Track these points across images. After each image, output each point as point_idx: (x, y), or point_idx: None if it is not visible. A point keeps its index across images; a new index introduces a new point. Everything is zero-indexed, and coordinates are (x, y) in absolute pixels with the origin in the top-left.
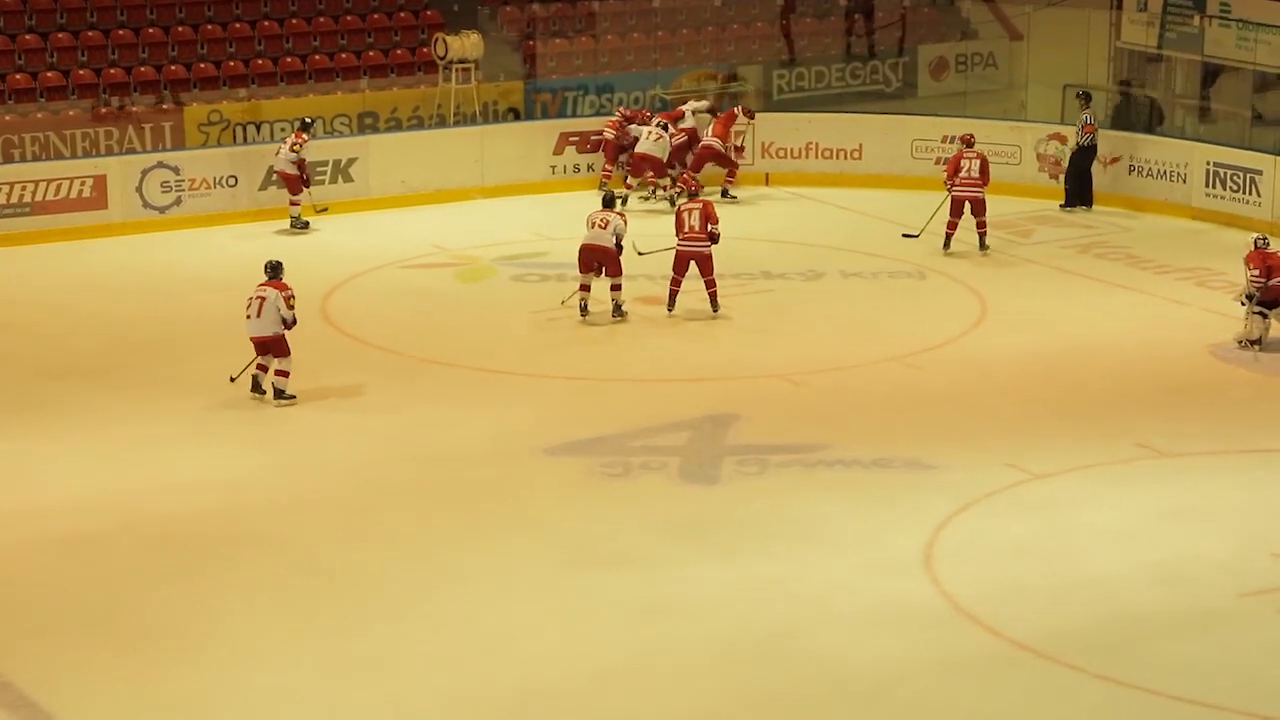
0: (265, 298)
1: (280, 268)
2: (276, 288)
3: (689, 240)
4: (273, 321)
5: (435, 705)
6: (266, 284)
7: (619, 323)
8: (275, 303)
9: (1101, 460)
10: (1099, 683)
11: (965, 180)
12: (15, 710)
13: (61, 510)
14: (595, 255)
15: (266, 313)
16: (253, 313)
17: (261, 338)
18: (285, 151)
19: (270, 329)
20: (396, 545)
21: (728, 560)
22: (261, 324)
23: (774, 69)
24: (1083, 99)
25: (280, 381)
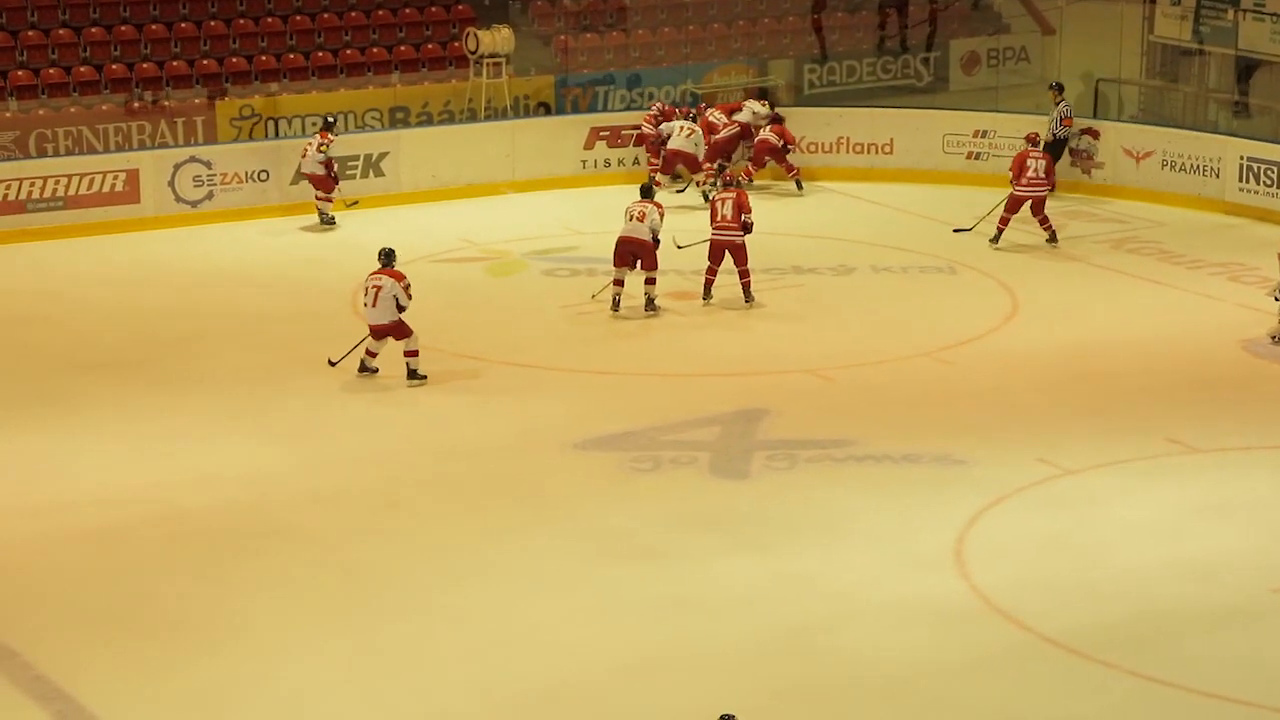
0: (381, 286)
1: (393, 255)
2: (392, 276)
3: (722, 229)
4: (389, 309)
5: (462, 699)
6: (380, 272)
7: (651, 317)
8: (392, 291)
9: (1132, 455)
10: (1129, 678)
11: (1032, 180)
12: (47, 702)
13: (90, 503)
14: (632, 248)
15: (383, 301)
16: (369, 301)
17: (380, 325)
18: (312, 153)
19: (388, 316)
20: (424, 539)
21: (757, 555)
22: (379, 312)
23: (805, 63)
24: (1056, 89)
25: (413, 362)
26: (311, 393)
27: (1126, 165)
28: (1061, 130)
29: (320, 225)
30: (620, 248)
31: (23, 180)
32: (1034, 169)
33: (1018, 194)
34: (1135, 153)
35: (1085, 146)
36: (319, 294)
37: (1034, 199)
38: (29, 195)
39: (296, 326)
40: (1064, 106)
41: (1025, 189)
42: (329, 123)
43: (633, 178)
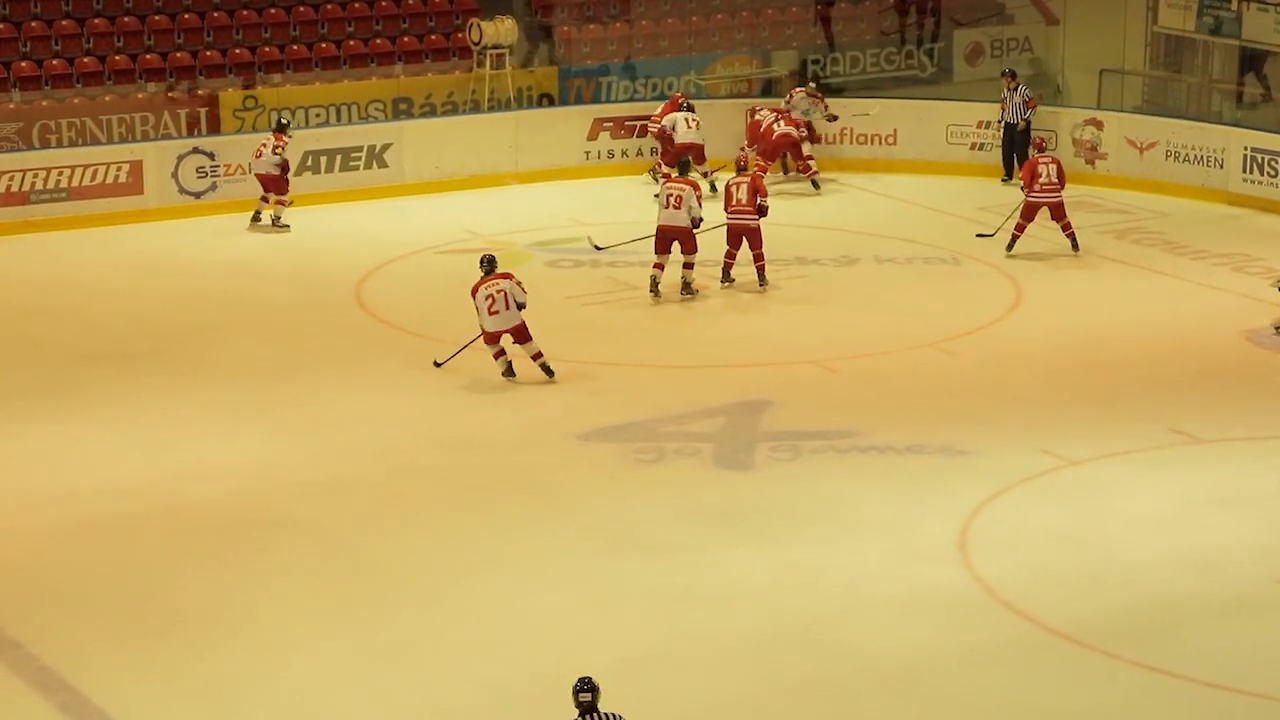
0: (503, 290)
1: (494, 260)
2: (506, 278)
3: (737, 214)
4: (513, 311)
5: (467, 691)
6: (492, 278)
7: (687, 300)
8: (512, 292)
9: (1136, 446)
10: (1133, 669)
11: (1046, 186)
12: (51, 693)
13: (96, 494)
14: (672, 235)
15: (509, 303)
16: (500, 308)
17: (509, 329)
18: (267, 155)
19: (514, 320)
20: (429, 531)
21: (761, 546)
22: (507, 317)
23: (809, 54)
24: (1010, 75)
25: (543, 359)
26: (317, 385)
27: (1130, 156)
28: (1029, 114)
29: (272, 227)
30: (661, 235)
31: (26, 171)
32: (1046, 174)
33: (1032, 200)
34: (1139, 143)
35: (1089, 137)
36: (324, 285)
37: (1051, 204)
38: (32, 186)
39: (302, 318)
40: (1024, 90)
41: (1040, 195)
42: (283, 124)
43: (636, 168)
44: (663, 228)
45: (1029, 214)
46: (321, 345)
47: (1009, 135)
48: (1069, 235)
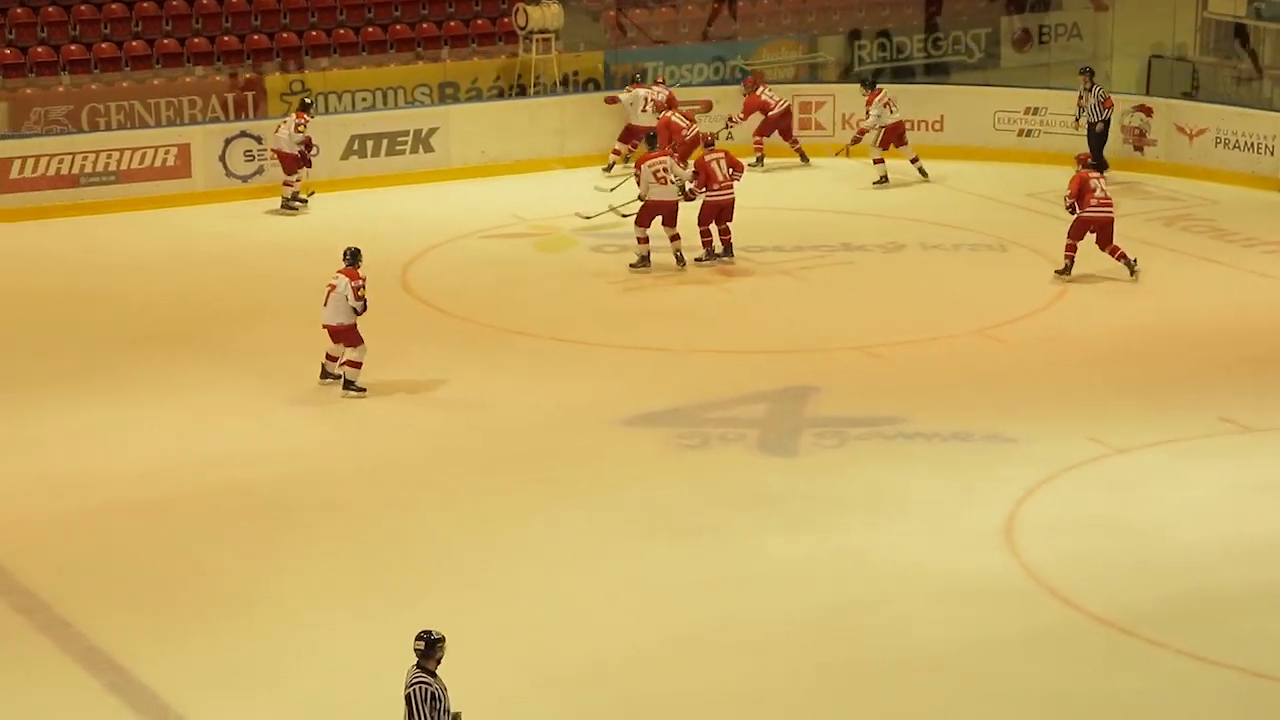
0: (335, 285)
1: (359, 255)
2: (351, 277)
3: (723, 189)
4: (344, 309)
5: (506, 674)
6: (342, 271)
7: (681, 271)
8: (345, 292)
9: (1184, 434)
10: (1179, 657)
11: (1102, 201)
12: (99, 672)
13: (139, 476)
14: (659, 210)
15: (334, 300)
16: (326, 301)
17: (330, 326)
18: (288, 131)
19: (346, 318)
20: (470, 514)
21: (805, 532)
22: (336, 313)
23: (855, 40)
24: (1087, 74)
25: (350, 373)
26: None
27: (1179, 142)
28: (1106, 113)
29: (283, 209)
30: (648, 210)
31: (75, 154)
32: (1099, 189)
33: (1085, 217)
34: (1188, 130)
35: (1138, 124)
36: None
37: (1102, 223)
38: (81, 169)
39: None
40: (1100, 89)
41: (1096, 210)
42: (306, 104)
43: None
44: (651, 203)
45: (1079, 233)
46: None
47: (1091, 133)
48: (1122, 260)
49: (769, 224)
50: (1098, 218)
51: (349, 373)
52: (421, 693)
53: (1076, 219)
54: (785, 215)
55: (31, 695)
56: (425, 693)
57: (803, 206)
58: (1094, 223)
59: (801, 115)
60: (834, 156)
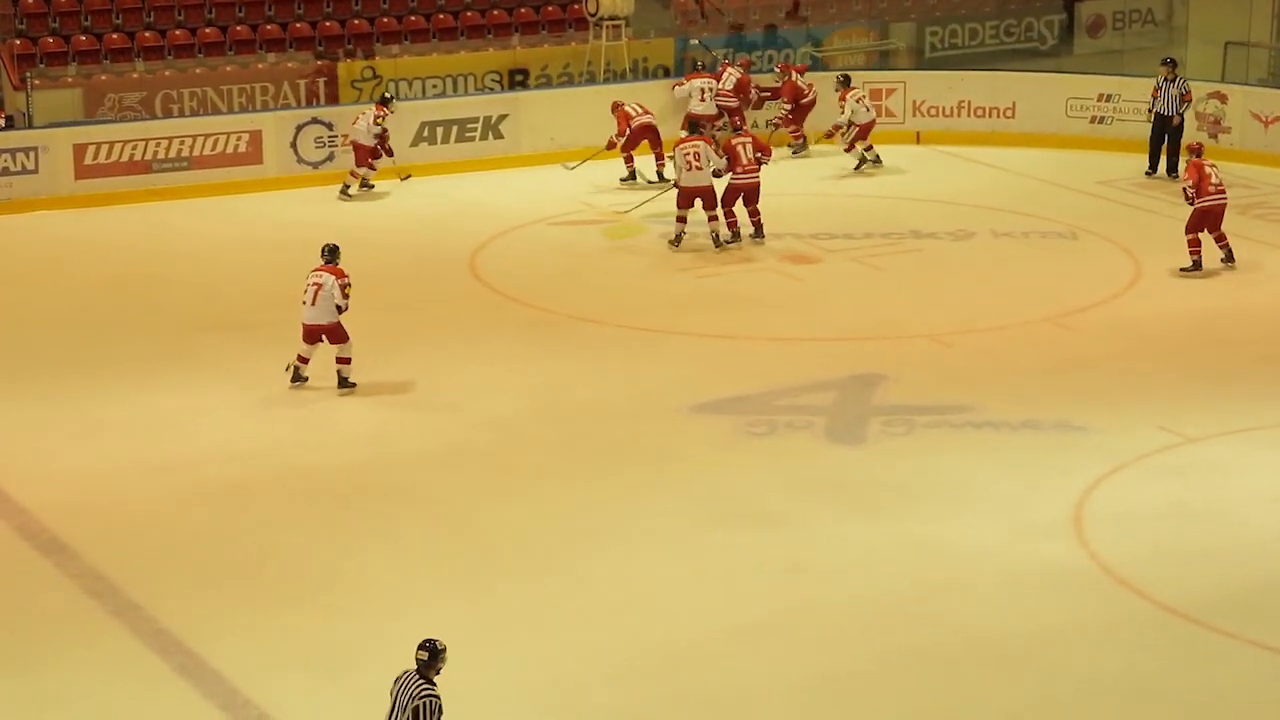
0: (322, 284)
1: (337, 251)
2: (333, 273)
3: (748, 172)
4: (328, 309)
5: (577, 661)
6: (321, 269)
7: (722, 251)
8: (331, 290)
9: (1256, 424)
10: (1250, 648)
11: (1219, 188)
12: (169, 655)
13: (213, 460)
14: (696, 193)
15: (323, 300)
16: (308, 299)
17: (317, 325)
18: (366, 124)
19: (327, 316)
20: (540, 501)
21: (873, 520)
22: (318, 311)
23: (927, 26)
24: (1170, 65)
25: (344, 369)
26: (431, 354)
27: (1254, 129)
28: (1185, 107)
29: (341, 196)
30: (685, 195)
31: (148, 141)
32: (1215, 177)
33: (1203, 207)
34: (1264, 117)
35: (1213, 110)
36: (439, 256)
37: (1220, 211)
38: (154, 156)
39: (417, 288)
40: (1183, 82)
41: (1214, 199)
42: (386, 98)
43: None
44: (686, 188)
45: (1199, 224)
46: (436, 315)
47: (1159, 126)
48: (1225, 247)
49: (839, 211)
50: (1215, 206)
51: (344, 370)
52: (431, 705)
53: (1195, 210)
54: (855, 203)
55: (101, 677)
56: (436, 705)
57: (873, 194)
58: (1212, 212)
59: (873, 102)
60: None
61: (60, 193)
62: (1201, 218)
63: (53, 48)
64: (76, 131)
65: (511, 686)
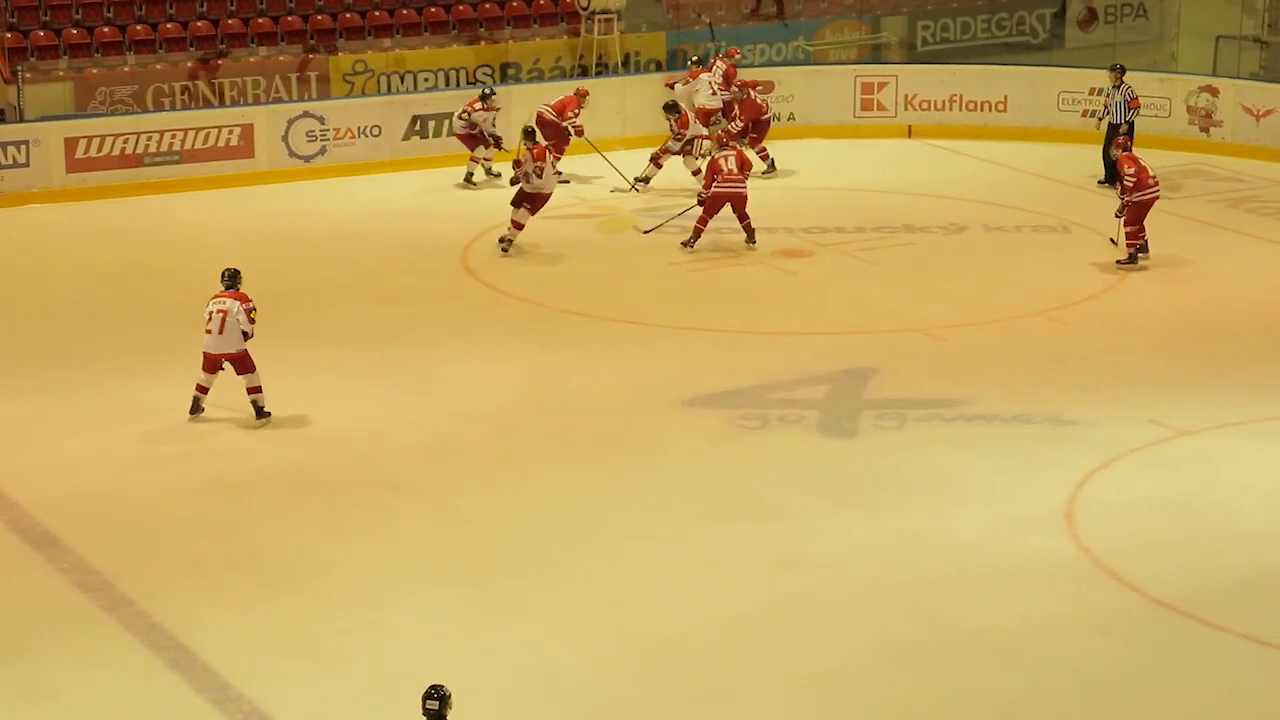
0: (227, 310)
1: (238, 276)
2: (237, 298)
3: (730, 181)
4: (235, 336)
5: (571, 654)
6: (225, 295)
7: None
8: (237, 316)
9: (1247, 417)
10: (1242, 642)
11: (1156, 181)
12: (162, 650)
13: (207, 454)
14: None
15: (230, 328)
16: (214, 328)
17: (222, 355)
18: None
19: (236, 345)
20: (534, 494)
21: (866, 513)
22: (225, 340)
23: (918, 20)
24: (1118, 71)
25: (258, 399)
26: (424, 348)
27: (1246, 123)
28: (1133, 114)
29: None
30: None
31: (140, 134)
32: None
33: (1146, 199)
34: (1255, 110)
35: (1204, 105)
36: (432, 249)
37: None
38: (146, 149)
39: (409, 281)
40: (1129, 88)
41: (1154, 190)
42: (485, 94)
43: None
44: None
45: (1139, 215)
46: (428, 309)
47: (1111, 136)
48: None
49: (831, 205)
50: (1155, 199)
51: (258, 399)
52: None
53: (1137, 203)
54: (847, 196)
55: (93, 671)
56: None
57: (865, 187)
58: (1151, 204)
59: (864, 96)
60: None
61: (52, 186)
62: (1140, 210)
63: (44, 41)
64: (68, 125)
65: (504, 678)
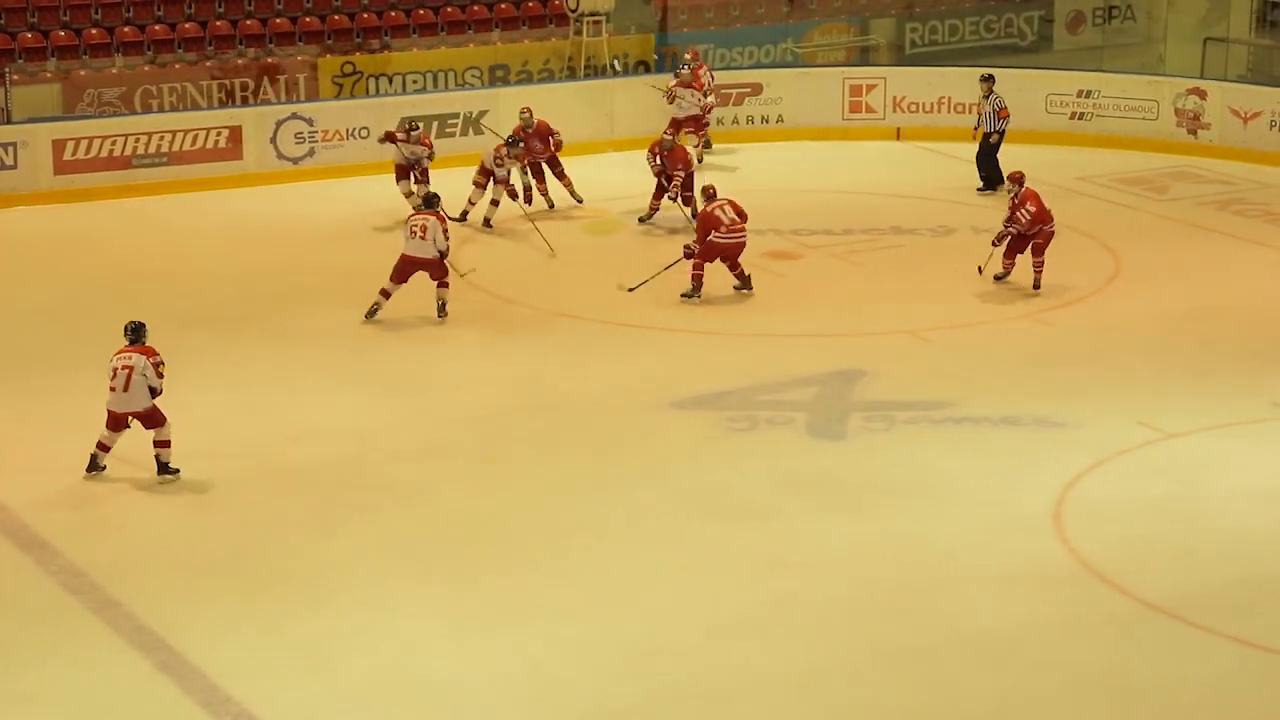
0: (133, 366)
1: (142, 329)
2: (143, 353)
3: (734, 231)
4: (142, 393)
5: (560, 654)
6: (129, 350)
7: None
8: (144, 372)
9: (1236, 419)
10: (1231, 644)
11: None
12: (149, 652)
13: (195, 455)
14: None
15: (135, 385)
16: (119, 385)
17: (137, 413)
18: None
19: (142, 402)
20: (522, 495)
21: (854, 515)
22: (131, 397)
23: (906, 22)
24: (988, 81)
25: (164, 454)
26: (413, 348)
27: (1234, 126)
28: (1001, 124)
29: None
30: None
31: (128, 136)
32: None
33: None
34: (1243, 113)
35: (1192, 107)
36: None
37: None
38: (134, 151)
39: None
40: (997, 99)
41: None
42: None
43: (732, 136)
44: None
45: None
46: (415, 311)
47: (985, 145)
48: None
49: (819, 207)
50: (1051, 232)
51: (164, 454)
52: None
53: (1029, 236)
54: (836, 199)
55: (81, 674)
56: None
57: (853, 190)
58: (1047, 235)
59: (853, 99)
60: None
61: (40, 188)
62: (1023, 241)
63: (31, 43)
64: (55, 127)
65: (492, 678)
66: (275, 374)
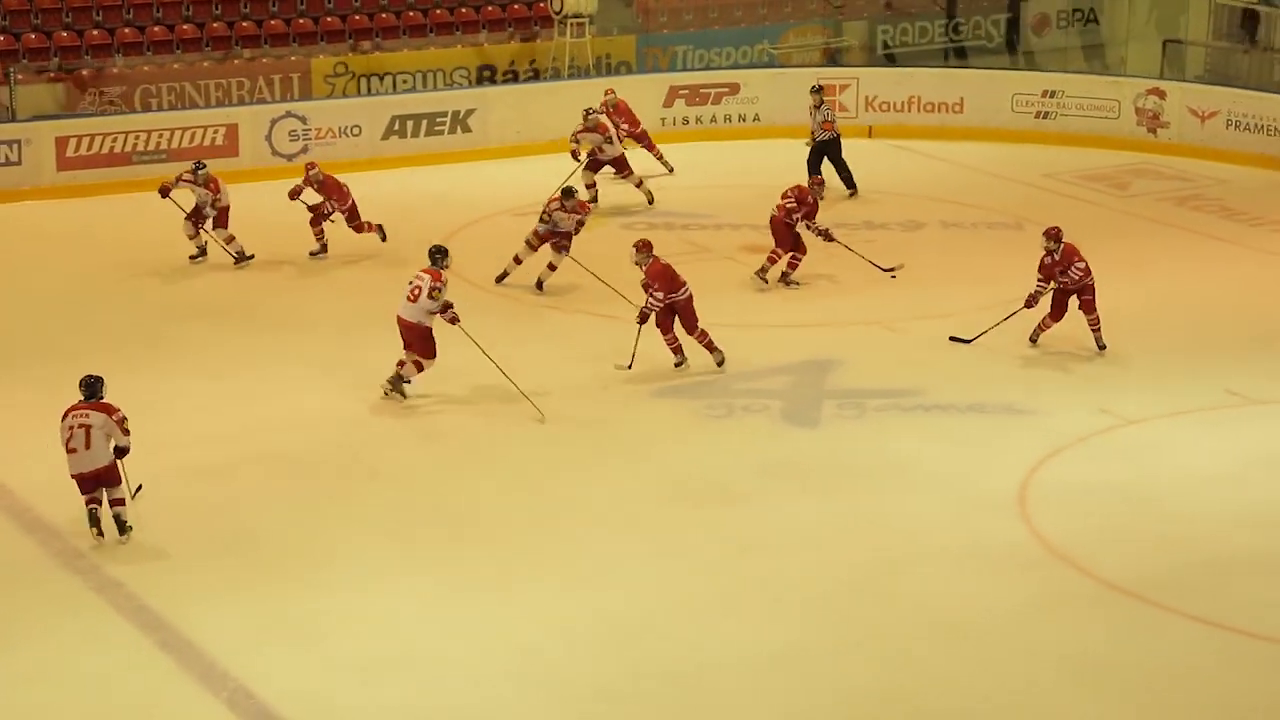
0: (91, 424)
1: (99, 384)
2: (104, 411)
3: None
4: (103, 450)
5: (540, 633)
6: (84, 407)
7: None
8: (107, 430)
9: (1192, 406)
10: (1191, 623)
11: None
12: (150, 631)
13: (192, 442)
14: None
15: (96, 442)
16: (78, 444)
17: (95, 471)
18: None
19: (102, 460)
20: (507, 479)
21: (825, 498)
22: (91, 457)
23: (878, 24)
24: (817, 91)
25: (122, 512)
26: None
27: (1192, 124)
28: (822, 134)
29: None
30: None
31: (129, 133)
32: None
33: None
34: (1201, 112)
35: (1152, 106)
36: (408, 244)
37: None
38: (134, 147)
39: (386, 274)
40: (825, 109)
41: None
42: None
43: (711, 134)
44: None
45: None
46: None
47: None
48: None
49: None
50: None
51: (121, 514)
52: None
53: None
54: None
55: (83, 653)
56: None
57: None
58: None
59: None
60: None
61: (43, 184)
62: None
63: (35, 43)
64: (58, 124)
65: (479, 656)
66: (267, 363)
